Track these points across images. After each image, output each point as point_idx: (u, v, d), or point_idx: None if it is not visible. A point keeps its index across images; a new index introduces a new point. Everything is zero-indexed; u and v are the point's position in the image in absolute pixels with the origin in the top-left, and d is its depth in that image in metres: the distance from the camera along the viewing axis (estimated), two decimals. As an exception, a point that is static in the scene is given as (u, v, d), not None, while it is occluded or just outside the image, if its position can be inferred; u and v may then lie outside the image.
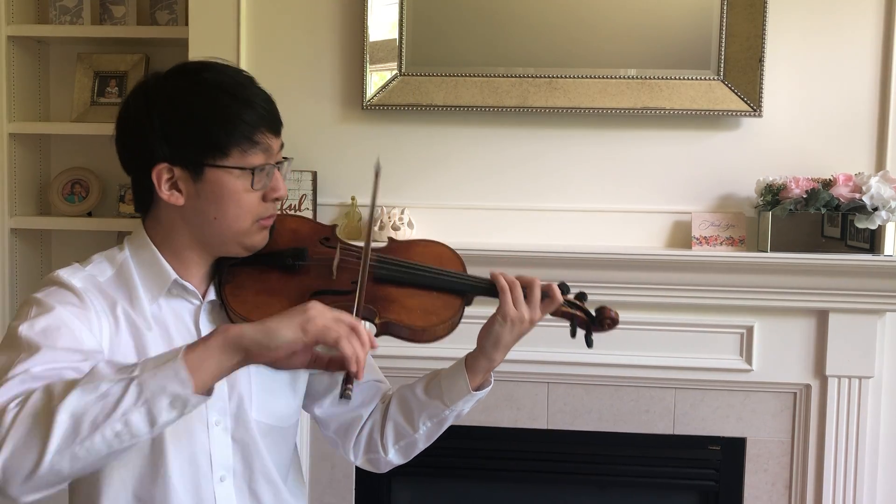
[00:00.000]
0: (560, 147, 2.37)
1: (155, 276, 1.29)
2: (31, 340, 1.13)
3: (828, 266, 2.17)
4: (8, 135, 2.70)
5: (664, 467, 2.43)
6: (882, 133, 2.30)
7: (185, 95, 1.25)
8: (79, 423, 1.00)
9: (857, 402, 2.29)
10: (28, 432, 1.00)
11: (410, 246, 1.46)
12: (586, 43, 2.31)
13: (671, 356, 2.31)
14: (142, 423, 1.02)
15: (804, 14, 2.30)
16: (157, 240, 1.30)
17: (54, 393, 1.02)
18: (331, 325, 1.07)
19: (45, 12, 2.79)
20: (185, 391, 1.02)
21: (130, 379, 1.02)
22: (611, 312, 1.43)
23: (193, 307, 1.31)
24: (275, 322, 1.07)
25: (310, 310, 1.08)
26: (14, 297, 2.75)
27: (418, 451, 1.48)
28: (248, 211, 1.27)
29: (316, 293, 1.31)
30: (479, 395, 1.42)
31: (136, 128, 1.28)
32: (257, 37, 2.38)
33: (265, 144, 1.26)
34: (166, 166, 1.24)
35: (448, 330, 1.37)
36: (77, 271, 1.27)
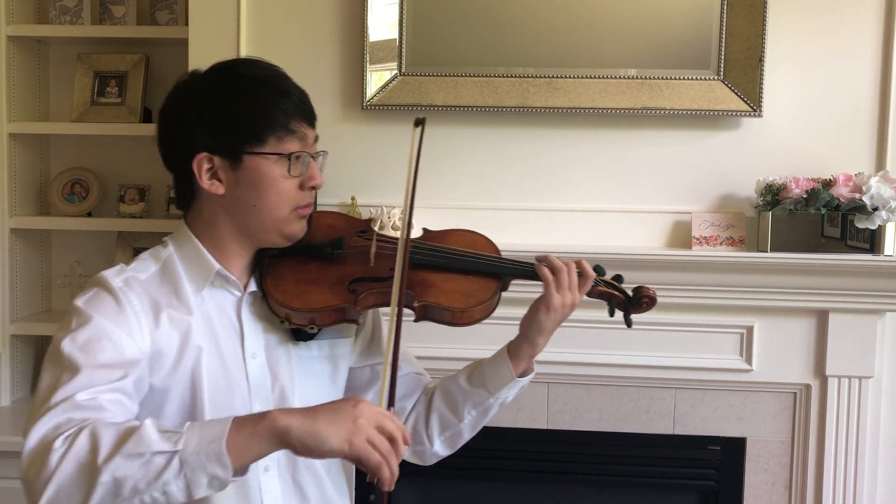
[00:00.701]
0: (560, 147, 2.37)
1: (198, 268, 1.32)
2: (73, 358, 1.17)
3: (828, 266, 2.17)
4: (8, 135, 2.70)
5: (664, 467, 2.43)
6: (882, 133, 2.30)
7: (222, 87, 1.30)
8: (120, 486, 1.05)
9: (857, 402, 2.29)
10: (72, 481, 1.05)
11: (445, 235, 1.50)
12: (586, 43, 2.31)
13: (671, 356, 2.31)
14: (179, 494, 1.07)
15: (804, 14, 2.30)
16: (199, 233, 1.34)
17: (100, 448, 1.05)
18: (374, 441, 1.09)
19: (45, 12, 2.79)
20: (226, 474, 1.07)
21: (174, 453, 1.06)
22: (648, 291, 1.46)
23: (235, 298, 1.35)
24: (323, 423, 1.09)
25: (359, 417, 1.10)
26: (14, 297, 2.75)
27: (463, 442, 1.51)
28: (286, 198, 1.30)
29: (355, 280, 1.35)
30: (522, 381, 1.45)
31: (177, 121, 1.32)
32: (257, 37, 2.38)
33: (301, 133, 1.31)
34: (206, 155, 1.28)
35: (485, 312, 1.40)
36: (121, 272, 1.30)
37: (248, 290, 1.35)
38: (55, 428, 1.10)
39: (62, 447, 1.06)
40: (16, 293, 2.76)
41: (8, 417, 2.61)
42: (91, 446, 1.06)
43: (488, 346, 1.51)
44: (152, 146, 3.10)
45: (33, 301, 2.86)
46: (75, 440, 1.07)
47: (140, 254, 1.36)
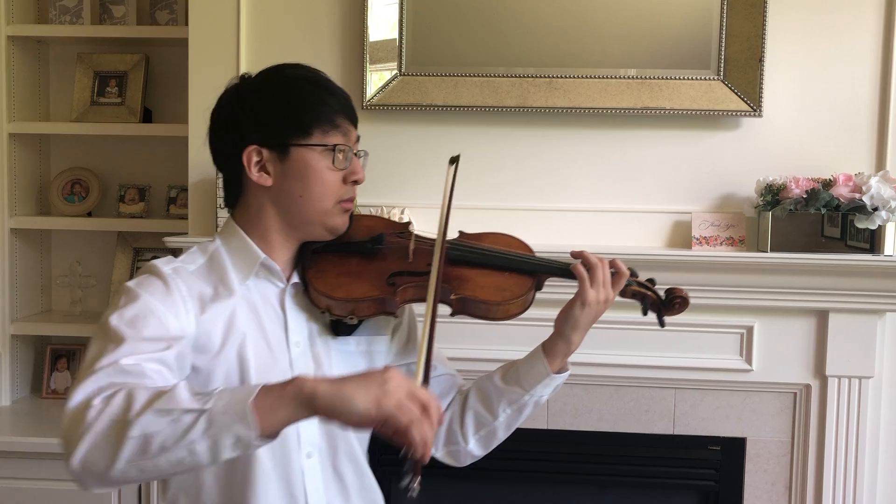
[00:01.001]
0: (560, 147, 2.37)
1: (244, 258, 1.38)
2: (119, 330, 1.22)
3: (828, 266, 2.17)
4: (8, 135, 2.70)
5: (664, 467, 2.43)
6: (882, 133, 2.30)
7: (271, 85, 1.38)
8: (148, 442, 1.07)
9: (857, 402, 2.29)
10: (104, 436, 1.08)
11: (481, 236, 1.54)
12: (586, 43, 2.31)
13: (671, 356, 2.31)
14: (205, 454, 1.08)
15: (804, 14, 2.30)
16: (246, 226, 1.40)
17: (133, 405, 1.08)
18: (404, 406, 1.06)
19: (45, 12, 2.79)
20: (250, 435, 1.06)
21: (202, 411, 1.07)
22: (681, 292, 1.51)
23: (279, 289, 1.40)
24: (351, 387, 1.07)
25: (388, 381, 1.07)
26: (14, 297, 2.75)
27: (498, 442, 1.53)
28: (330, 190, 1.37)
29: (394, 274, 1.41)
30: (558, 378, 1.48)
31: (229, 118, 1.39)
32: (257, 37, 2.38)
33: (344, 128, 1.38)
34: (255, 148, 1.35)
35: (520, 308, 1.44)
36: (170, 262, 1.36)
37: (290, 282, 1.41)
38: (98, 389, 1.13)
39: (100, 405, 1.10)
40: (16, 293, 2.76)
41: (8, 417, 2.61)
42: (126, 403, 1.09)
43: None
44: (152, 146, 3.12)
45: (33, 301, 2.86)
46: (112, 399, 1.10)
47: (189, 249, 1.43)
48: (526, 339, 1.56)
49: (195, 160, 2.38)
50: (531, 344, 1.52)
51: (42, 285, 2.90)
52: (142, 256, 2.83)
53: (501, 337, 1.78)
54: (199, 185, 2.38)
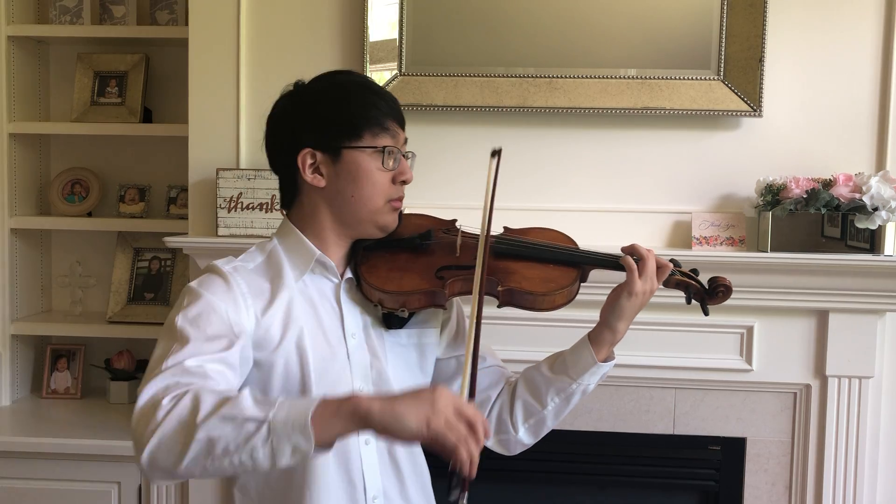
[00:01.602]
0: (560, 147, 2.37)
1: (300, 255, 1.45)
2: (184, 330, 1.29)
3: (828, 266, 2.17)
4: (8, 135, 2.70)
5: (664, 467, 2.43)
6: (882, 133, 2.30)
7: (324, 90, 1.44)
8: (213, 445, 1.14)
9: (857, 402, 2.29)
10: (173, 435, 1.15)
11: (525, 231, 1.60)
12: (586, 43, 2.31)
13: (671, 356, 2.31)
14: (265, 460, 1.14)
15: (804, 14, 2.30)
16: (301, 226, 1.46)
17: (200, 409, 1.15)
18: (452, 425, 1.13)
19: (45, 12, 2.79)
20: (308, 446, 1.13)
21: (264, 420, 1.13)
22: (724, 280, 1.56)
23: (333, 285, 1.47)
24: (403, 407, 1.13)
25: (437, 400, 1.14)
26: (14, 297, 2.75)
27: (547, 430, 1.58)
28: (380, 190, 1.43)
29: (442, 268, 1.47)
30: (605, 366, 1.53)
31: (284, 123, 1.45)
32: (257, 37, 2.38)
33: (393, 131, 1.44)
34: (310, 151, 1.41)
35: (566, 298, 1.49)
36: (230, 261, 1.43)
37: (344, 278, 1.47)
38: (164, 388, 1.20)
39: (169, 405, 1.16)
40: (16, 293, 2.76)
41: (8, 417, 2.61)
42: (193, 406, 1.15)
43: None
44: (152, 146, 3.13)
45: (33, 301, 2.86)
46: (180, 400, 1.16)
47: (243, 250, 1.49)
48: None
49: (195, 160, 2.38)
50: None
51: (42, 285, 2.90)
52: (142, 256, 2.83)
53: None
54: (199, 185, 2.38)
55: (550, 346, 1.71)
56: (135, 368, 2.77)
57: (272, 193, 2.29)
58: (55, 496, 2.41)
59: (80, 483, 2.41)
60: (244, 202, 2.31)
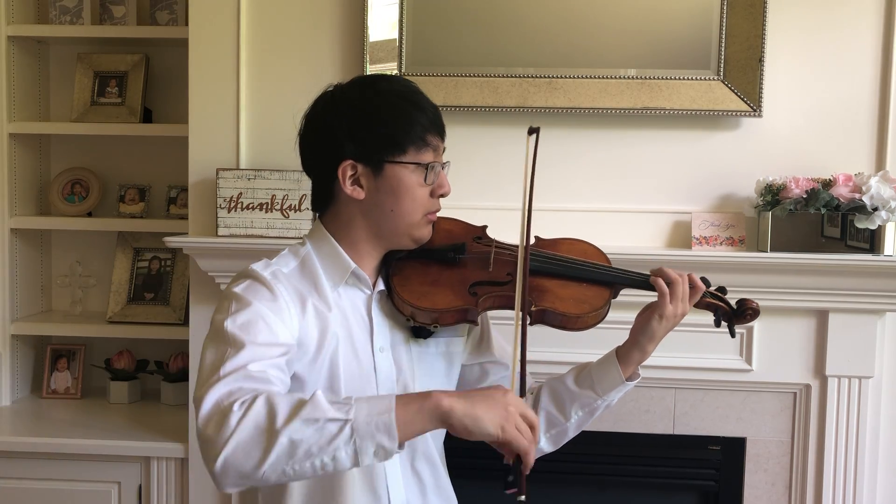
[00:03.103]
0: (560, 147, 2.37)
1: (336, 266, 1.43)
2: (236, 336, 1.26)
3: (828, 266, 2.17)
4: (8, 135, 2.70)
5: (664, 467, 2.43)
6: (882, 133, 2.30)
7: (368, 102, 1.40)
8: (295, 448, 1.13)
9: (857, 402, 2.29)
10: (251, 440, 1.13)
11: (557, 243, 1.59)
12: (586, 43, 2.31)
13: (671, 356, 2.31)
14: (347, 460, 1.15)
15: (804, 14, 2.30)
16: (336, 233, 1.44)
17: (277, 414, 1.14)
18: (522, 430, 1.19)
19: (45, 12, 2.79)
20: (392, 445, 1.15)
21: (346, 420, 1.14)
22: (752, 303, 1.55)
23: (366, 296, 1.46)
24: (480, 409, 1.17)
25: (509, 405, 1.19)
26: (14, 297, 2.75)
27: (567, 440, 1.61)
28: (420, 204, 1.42)
29: (475, 284, 1.45)
30: (630, 385, 1.54)
31: (325, 130, 1.42)
32: (257, 37, 2.38)
33: (434, 144, 1.43)
34: (351, 163, 1.39)
35: (597, 319, 1.49)
36: (267, 266, 1.40)
37: (376, 289, 1.47)
38: (229, 394, 1.18)
39: (240, 410, 1.14)
40: (16, 293, 2.77)
41: (8, 417, 2.61)
42: (269, 411, 1.14)
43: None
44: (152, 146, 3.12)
45: (33, 301, 2.86)
46: (252, 405, 1.15)
47: (281, 251, 1.47)
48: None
49: (195, 160, 2.38)
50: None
51: (42, 285, 2.90)
52: (142, 256, 2.83)
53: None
54: (199, 185, 2.38)
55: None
56: (135, 368, 2.77)
57: (272, 193, 2.28)
58: (55, 496, 2.41)
59: (80, 483, 2.41)
60: (244, 202, 2.31)
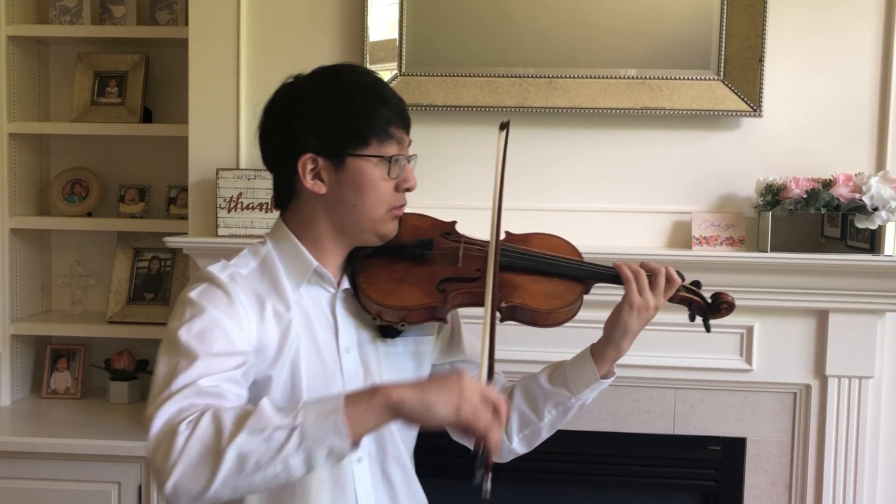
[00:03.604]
0: (560, 147, 2.37)
1: (297, 265, 1.38)
2: (190, 346, 1.22)
3: (828, 266, 2.17)
4: (8, 135, 2.70)
5: (664, 467, 2.43)
6: (882, 133, 2.30)
7: (329, 93, 1.37)
8: (244, 462, 1.10)
9: (857, 402, 2.29)
10: (199, 461, 1.10)
11: (528, 238, 1.55)
12: (586, 43, 2.31)
13: (671, 356, 2.31)
14: (299, 467, 1.12)
15: (804, 14, 2.30)
16: (297, 231, 1.40)
17: (224, 429, 1.11)
18: (480, 411, 1.14)
19: (45, 12, 2.79)
20: (343, 445, 1.12)
21: (293, 427, 1.11)
22: (727, 297, 1.53)
23: (330, 295, 1.41)
24: (432, 394, 1.14)
25: (464, 387, 1.15)
26: (14, 297, 2.75)
27: (541, 441, 1.56)
28: (384, 199, 1.37)
29: (444, 280, 1.42)
30: (605, 383, 1.50)
31: (284, 122, 1.38)
32: (257, 37, 2.38)
33: (398, 137, 1.38)
34: (311, 156, 1.35)
35: (569, 315, 1.45)
36: (225, 267, 1.36)
37: (341, 288, 1.42)
38: (178, 412, 1.15)
39: (186, 430, 1.11)
40: (16, 293, 2.76)
41: (8, 417, 2.61)
42: (215, 428, 1.11)
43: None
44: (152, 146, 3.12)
45: (33, 301, 2.86)
46: (198, 423, 1.12)
47: (241, 251, 1.43)
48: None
49: (195, 160, 2.38)
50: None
51: (42, 285, 2.90)
52: (142, 256, 2.83)
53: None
54: (199, 185, 2.38)
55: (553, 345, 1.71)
56: (135, 368, 2.77)
57: (272, 193, 2.28)
58: (55, 496, 2.41)
59: (80, 483, 2.41)
60: (244, 202, 2.31)
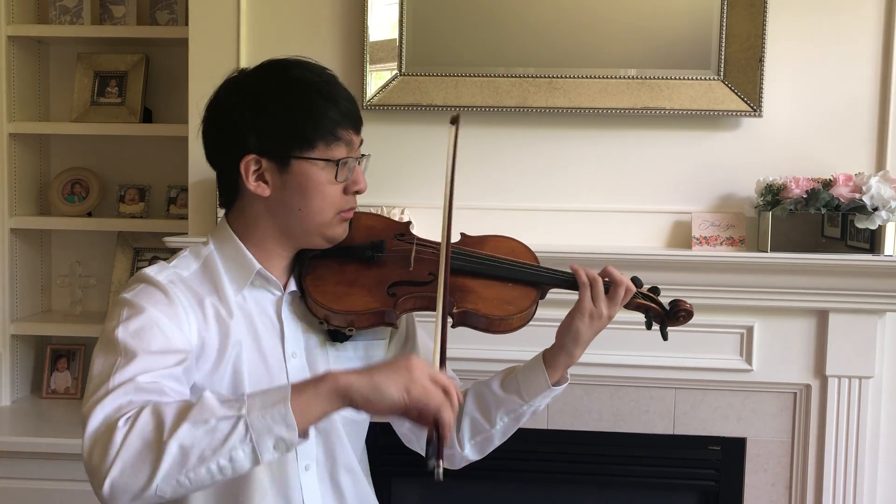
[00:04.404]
0: (560, 147, 2.37)
1: (239, 267, 1.34)
2: (127, 345, 1.18)
3: (828, 266, 2.17)
4: (8, 135, 2.70)
5: (664, 467, 2.43)
6: (882, 133, 2.29)
7: (275, 91, 1.30)
8: (187, 455, 1.05)
9: (857, 402, 2.29)
10: (138, 456, 1.05)
11: (484, 240, 1.50)
12: (586, 43, 2.31)
13: (671, 356, 2.31)
14: (246, 459, 1.07)
15: (804, 14, 2.29)
16: (241, 232, 1.35)
17: (165, 422, 1.06)
18: (430, 391, 1.11)
19: (45, 12, 2.79)
20: (291, 435, 1.08)
21: (238, 417, 1.07)
22: (685, 305, 1.48)
23: (275, 298, 1.37)
24: (381, 377, 1.11)
25: (413, 369, 1.12)
26: (14, 297, 2.75)
27: (494, 447, 1.53)
28: (330, 202, 1.32)
29: (394, 284, 1.37)
30: (557, 390, 1.46)
31: (227, 121, 1.32)
32: (257, 37, 2.38)
33: (347, 139, 1.33)
34: (254, 157, 1.30)
35: (524, 321, 1.41)
36: (163, 269, 1.31)
37: (287, 290, 1.38)
38: (117, 409, 1.10)
39: (125, 426, 1.07)
40: (16, 293, 2.76)
41: (8, 417, 2.61)
42: (155, 422, 1.07)
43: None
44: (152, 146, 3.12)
45: (33, 301, 2.86)
46: (137, 418, 1.08)
47: (180, 252, 1.38)
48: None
49: (195, 160, 2.38)
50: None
51: (42, 285, 2.90)
52: (142, 256, 2.83)
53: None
54: (199, 185, 2.38)
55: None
56: (135, 368, 2.77)
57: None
58: (55, 496, 2.41)
59: (80, 483, 2.41)
60: (244, 202, 2.31)
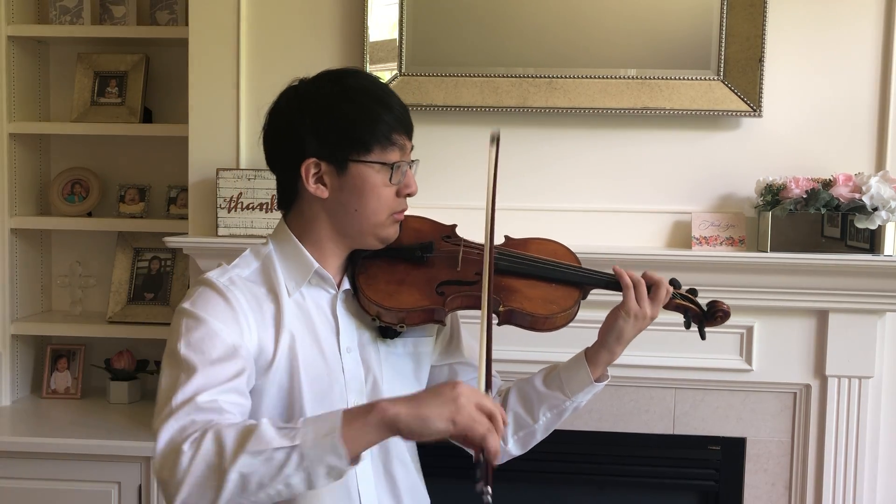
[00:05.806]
0: (560, 147, 2.37)
1: (298, 266, 1.40)
2: (189, 359, 1.25)
3: (828, 266, 2.17)
4: (8, 135, 2.70)
5: (664, 467, 2.43)
6: (882, 133, 2.30)
7: (334, 98, 1.38)
8: (247, 482, 1.14)
9: (857, 402, 2.29)
10: (203, 481, 1.14)
11: (527, 243, 1.57)
12: (586, 43, 2.31)
13: (671, 356, 2.31)
14: (300, 485, 1.15)
15: (804, 14, 2.30)
16: (299, 233, 1.42)
17: (226, 450, 1.14)
18: (476, 419, 1.15)
19: (45, 12, 2.79)
20: (342, 464, 1.14)
21: (292, 447, 1.14)
22: (722, 305, 1.53)
23: (330, 296, 1.43)
24: (427, 408, 1.15)
25: (459, 397, 1.15)
26: (14, 297, 2.75)
27: (536, 442, 1.58)
28: (385, 204, 1.39)
29: (443, 283, 1.44)
30: (599, 386, 1.52)
31: (289, 127, 1.40)
32: (257, 37, 2.38)
33: (401, 144, 1.39)
34: (314, 161, 1.37)
35: (567, 320, 1.47)
36: (224, 272, 1.38)
37: (341, 289, 1.44)
38: (181, 430, 1.18)
39: (190, 450, 1.15)
40: (16, 293, 2.76)
41: (8, 417, 2.61)
42: (217, 448, 1.14)
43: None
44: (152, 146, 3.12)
45: (33, 301, 2.86)
46: (201, 443, 1.15)
47: (242, 252, 1.44)
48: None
49: (195, 160, 2.38)
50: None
51: (42, 285, 2.90)
52: (142, 256, 2.83)
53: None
54: (199, 185, 2.38)
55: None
56: (135, 368, 2.77)
57: (272, 193, 2.29)
58: (55, 496, 2.41)
59: (80, 483, 2.41)
60: (244, 202, 2.31)
